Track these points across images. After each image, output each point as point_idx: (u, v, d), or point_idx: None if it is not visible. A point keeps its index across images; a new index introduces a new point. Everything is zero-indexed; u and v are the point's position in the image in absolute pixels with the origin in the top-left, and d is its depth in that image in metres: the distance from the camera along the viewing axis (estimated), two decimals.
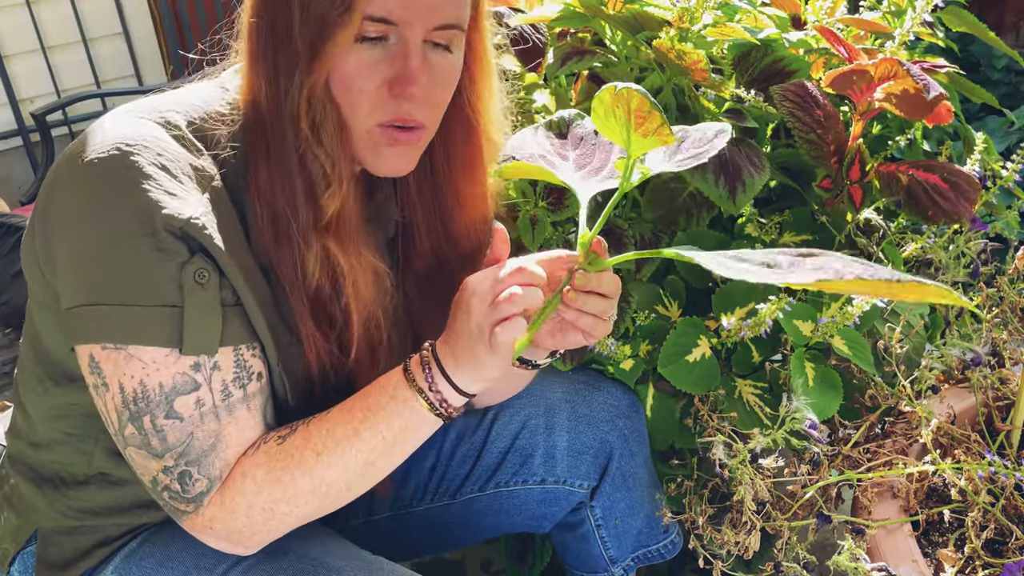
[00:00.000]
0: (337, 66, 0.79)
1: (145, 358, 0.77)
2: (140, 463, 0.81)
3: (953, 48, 1.39)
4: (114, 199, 0.76)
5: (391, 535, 1.16)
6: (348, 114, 0.82)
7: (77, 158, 0.77)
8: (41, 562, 0.93)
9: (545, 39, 1.24)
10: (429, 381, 0.82)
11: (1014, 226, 1.35)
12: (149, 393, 0.78)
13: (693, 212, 1.20)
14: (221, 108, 0.85)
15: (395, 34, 0.80)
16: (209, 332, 0.79)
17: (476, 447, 1.14)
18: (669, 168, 0.81)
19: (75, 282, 0.78)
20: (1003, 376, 1.24)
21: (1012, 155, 1.26)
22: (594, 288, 0.83)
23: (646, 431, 1.19)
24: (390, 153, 0.85)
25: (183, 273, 0.77)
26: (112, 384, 0.78)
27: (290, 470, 0.81)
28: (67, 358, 0.87)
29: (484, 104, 0.94)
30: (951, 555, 1.01)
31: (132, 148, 0.77)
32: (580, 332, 0.86)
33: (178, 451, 0.80)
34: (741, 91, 1.17)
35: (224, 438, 0.81)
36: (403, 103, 0.82)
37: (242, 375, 0.82)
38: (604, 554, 1.18)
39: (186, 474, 0.80)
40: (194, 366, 0.79)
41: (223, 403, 0.81)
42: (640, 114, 0.71)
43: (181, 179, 0.79)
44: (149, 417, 0.78)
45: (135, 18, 3.37)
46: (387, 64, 0.81)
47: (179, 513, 0.83)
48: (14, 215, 2.46)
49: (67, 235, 0.77)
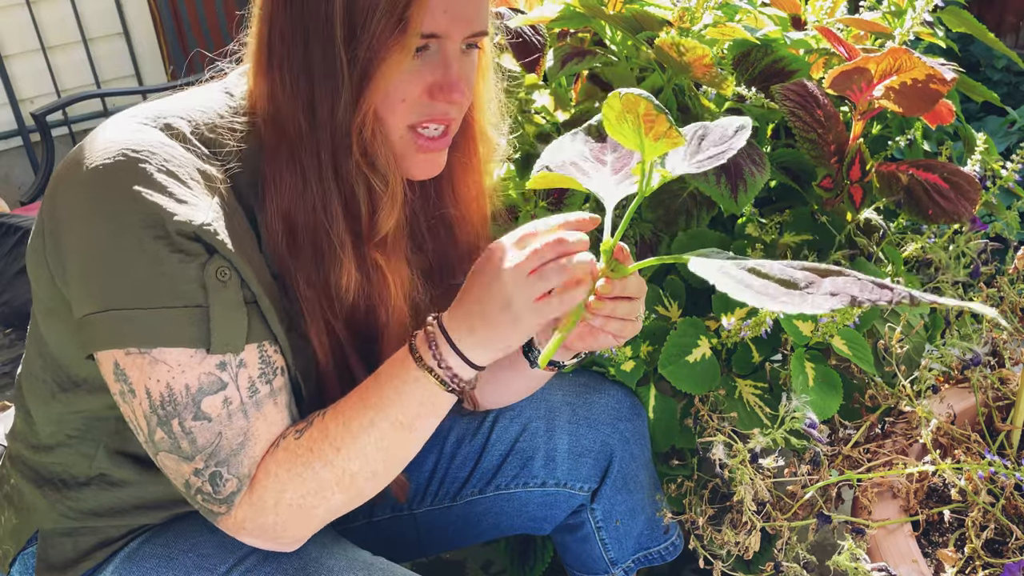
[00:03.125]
0: (384, 84, 0.79)
1: (170, 361, 0.77)
2: (172, 468, 0.81)
3: (953, 48, 1.39)
4: (124, 204, 0.75)
5: (392, 536, 1.16)
6: (386, 123, 0.82)
7: (83, 164, 0.77)
8: (42, 563, 0.93)
9: (545, 39, 1.24)
10: (437, 359, 0.81)
11: (1014, 226, 1.35)
12: (176, 396, 0.78)
13: (693, 212, 1.20)
14: (227, 114, 0.85)
15: (435, 43, 0.81)
16: (236, 329, 0.79)
17: (477, 449, 1.14)
18: (689, 170, 0.80)
19: (90, 289, 0.77)
20: (1003, 376, 1.24)
21: (1012, 155, 1.26)
22: (618, 294, 0.84)
23: (647, 433, 1.18)
24: (420, 159, 0.86)
25: (205, 273, 0.77)
26: (139, 390, 0.78)
27: (311, 465, 0.81)
28: (73, 363, 0.87)
29: (479, 101, 0.94)
30: (951, 555, 1.01)
31: (139, 154, 0.76)
32: (610, 335, 0.87)
33: (208, 452, 0.79)
34: (743, 89, 1.17)
35: (252, 435, 0.81)
36: (441, 106, 0.83)
37: (267, 371, 0.82)
38: (605, 556, 1.18)
39: (217, 475, 0.80)
40: (220, 365, 0.79)
41: (250, 400, 0.81)
42: (648, 118, 0.72)
43: (190, 184, 0.78)
44: (178, 420, 0.78)
45: (135, 18, 3.37)
46: (428, 71, 0.82)
47: (213, 515, 0.83)
48: (14, 215, 2.46)
49: (79, 242, 0.77)
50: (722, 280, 0.70)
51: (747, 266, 0.72)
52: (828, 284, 0.67)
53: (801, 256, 1.20)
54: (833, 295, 0.65)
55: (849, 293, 0.65)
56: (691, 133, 0.85)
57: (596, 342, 0.89)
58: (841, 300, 0.64)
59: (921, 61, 1.04)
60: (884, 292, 0.64)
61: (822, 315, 1.09)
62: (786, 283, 0.69)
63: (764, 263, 0.72)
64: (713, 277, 0.70)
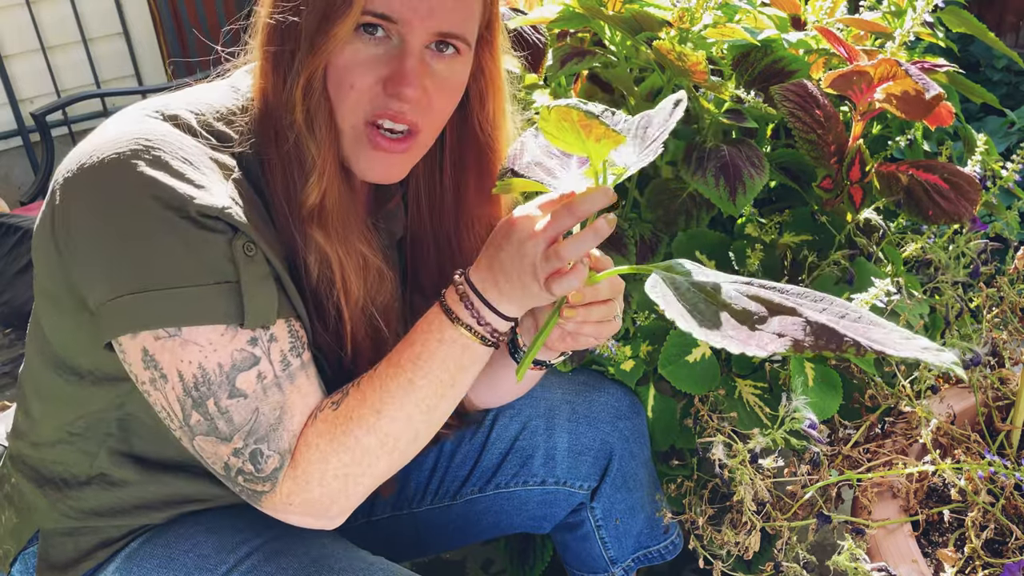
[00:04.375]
0: (334, 59, 0.80)
1: (201, 340, 0.77)
2: (210, 451, 0.81)
3: (953, 48, 1.39)
4: (144, 190, 0.75)
5: (392, 536, 1.16)
6: (337, 108, 0.82)
7: (96, 155, 0.77)
8: (43, 562, 0.93)
9: (545, 40, 1.24)
10: (476, 316, 0.81)
11: (1014, 226, 1.35)
12: (210, 375, 0.77)
13: (693, 212, 1.20)
14: (232, 106, 0.86)
15: (396, 35, 0.80)
16: (268, 302, 0.79)
17: (476, 448, 1.14)
18: (640, 162, 0.80)
19: (113, 274, 0.76)
20: (1003, 376, 1.24)
21: (1012, 155, 1.26)
22: (591, 299, 0.85)
23: (647, 432, 1.19)
24: (374, 157, 0.85)
25: (233, 247, 0.77)
26: (171, 374, 0.78)
27: (352, 433, 0.80)
28: (76, 354, 0.86)
29: (497, 129, 0.94)
30: (951, 555, 1.01)
31: (152, 143, 0.77)
32: (589, 337, 0.88)
33: (246, 430, 0.79)
34: (740, 91, 1.17)
35: (289, 408, 0.81)
36: (394, 101, 0.82)
37: (297, 344, 0.82)
38: (604, 555, 1.19)
39: (257, 452, 0.80)
40: (251, 341, 0.79)
41: (284, 373, 0.81)
42: (584, 124, 0.72)
43: (204, 171, 0.79)
44: (213, 400, 0.78)
45: (135, 18, 3.37)
46: (384, 63, 0.81)
47: (257, 495, 0.82)
48: (14, 215, 2.46)
49: (97, 231, 0.76)
50: (670, 308, 0.69)
51: (709, 284, 0.71)
52: (776, 323, 0.65)
53: (801, 256, 1.21)
54: (779, 336, 0.64)
55: (793, 336, 0.64)
56: (636, 125, 0.85)
57: (576, 343, 0.92)
58: (783, 344, 0.63)
59: (906, 75, 1.05)
60: (831, 341, 0.62)
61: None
62: (740, 314, 0.67)
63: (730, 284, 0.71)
64: (663, 302, 0.70)
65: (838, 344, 0.62)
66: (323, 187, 0.83)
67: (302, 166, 0.82)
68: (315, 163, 0.82)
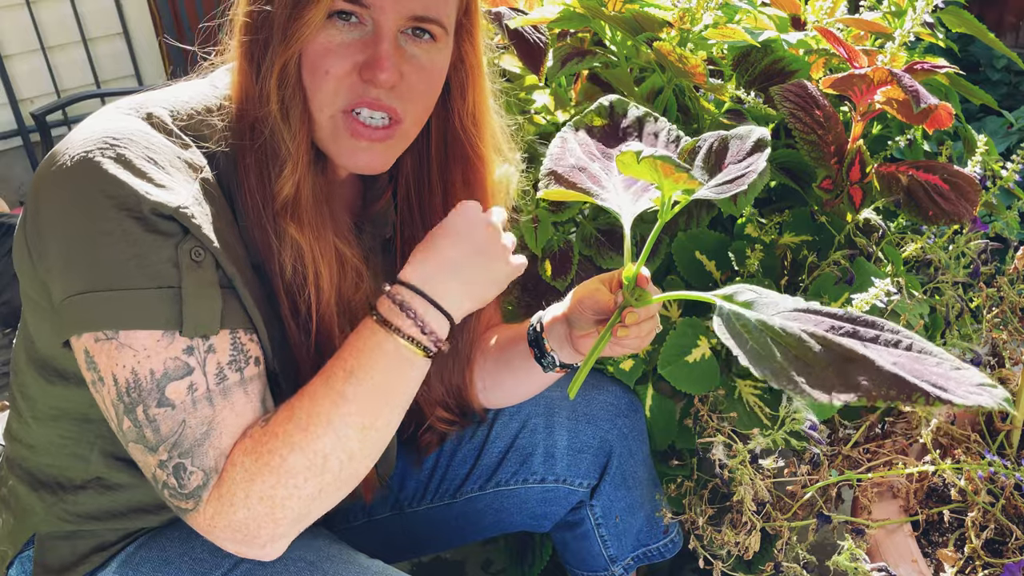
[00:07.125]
0: (308, 46, 0.79)
1: (136, 345, 0.75)
2: (141, 460, 0.79)
3: (953, 48, 1.39)
4: (103, 189, 0.74)
5: (391, 535, 1.16)
6: (312, 98, 0.82)
7: (65, 153, 0.77)
8: (39, 566, 0.93)
9: (545, 40, 1.24)
10: (420, 325, 0.80)
11: (1014, 226, 1.35)
12: (141, 382, 0.75)
13: (693, 212, 1.20)
14: (210, 104, 0.85)
15: (370, 20, 0.80)
16: (209, 311, 0.77)
17: (476, 446, 1.14)
18: (709, 195, 0.79)
19: (67, 274, 0.76)
20: (1003, 376, 1.24)
21: (1012, 155, 1.26)
22: (643, 318, 0.88)
23: (646, 430, 1.19)
24: (353, 146, 0.84)
25: (179, 251, 0.76)
26: (107, 378, 0.77)
27: (277, 451, 0.76)
28: (56, 355, 0.85)
29: (479, 125, 0.94)
30: (951, 555, 1.01)
31: (118, 142, 0.76)
32: (628, 348, 0.94)
33: (171, 442, 0.76)
34: (741, 92, 1.17)
35: (218, 425, 0.77)
36: (370, 88, 0.81)
37: (239, 358, 0.79)
38: (604, 553, 1.19)
39: (180, 467, 0.76)
40: (187, 350, 0.76)
41: (217, 387, 0.78)
42: (667, 170, 0.72)
43: (169, 171, 0.78)
44: (142, 407, 0.76)
45: (135, 18, 3.37)
46: (359, 49, 0.80)
47: (183, 512, 0.79)
48: (14, 215, 2.46)
49: (58, 229, 0.76)
50: (745, 354, 0.66)
51: (778, 326, 0.67)
52: (850, 372, 0.63)
53: (801, 256, 1.21)
54: (854, 387, 0.62)
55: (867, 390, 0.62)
56: (707, 146, 0.83)
57: (614, 352, 0.96)
58: (856, 395, 0.62)
59: (897, 86, 1.05)
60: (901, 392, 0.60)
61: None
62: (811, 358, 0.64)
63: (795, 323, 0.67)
64: (736, 347, 0.67)
65: (908, 395, 0.61)
66: (297, 178, 0.82)
67: (276, 157, 0.82)
68: (289, 153, 0.81)
